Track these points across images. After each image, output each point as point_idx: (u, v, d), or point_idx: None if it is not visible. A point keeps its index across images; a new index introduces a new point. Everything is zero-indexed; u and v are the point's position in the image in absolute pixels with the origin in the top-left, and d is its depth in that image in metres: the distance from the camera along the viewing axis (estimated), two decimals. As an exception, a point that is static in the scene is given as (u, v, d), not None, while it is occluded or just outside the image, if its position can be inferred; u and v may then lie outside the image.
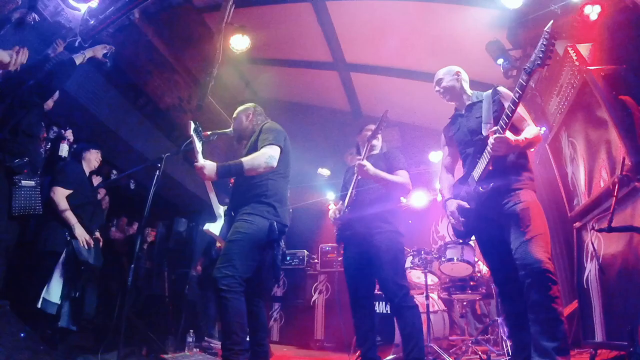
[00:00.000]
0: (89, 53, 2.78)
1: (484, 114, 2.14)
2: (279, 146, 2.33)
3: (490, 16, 3.79)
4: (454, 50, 4.15)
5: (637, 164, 2.36)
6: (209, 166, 2.19)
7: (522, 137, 1.98)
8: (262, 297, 2.40)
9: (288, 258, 5.56)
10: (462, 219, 2.17)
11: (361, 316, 2.59)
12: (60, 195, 2.97)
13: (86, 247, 3.01)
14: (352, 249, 2.64)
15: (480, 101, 2.22)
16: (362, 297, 2.59)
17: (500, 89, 2.20)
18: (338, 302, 5.02)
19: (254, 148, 2.36)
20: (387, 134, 6.45)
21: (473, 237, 2.33)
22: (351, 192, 2.67)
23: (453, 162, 2.45)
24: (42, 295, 2.76)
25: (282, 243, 2.42)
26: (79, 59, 2.70)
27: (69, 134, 2.91)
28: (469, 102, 2.30)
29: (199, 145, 2.30)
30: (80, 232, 2.99)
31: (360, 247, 2.58)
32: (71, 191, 3.01)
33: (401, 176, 2.64)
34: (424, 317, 3.28)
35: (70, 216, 2.97)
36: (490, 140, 1.90)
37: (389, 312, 3.50)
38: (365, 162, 2.58)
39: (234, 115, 2.65)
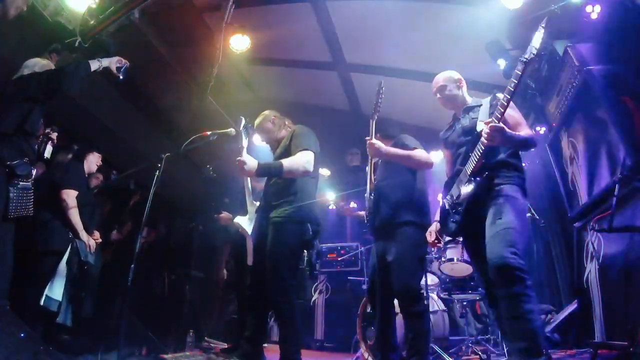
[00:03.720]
0: (105, 62, 2.73)
1: (480, 114, 2.12)
2: (313, 152, 2.41)
3: (490, 16, 3.78)
4: (454, 50, 4.14)
5: (637, 163, 2.36)
6: (250, 162, 2.24)
7: (517, 133, 1.96)
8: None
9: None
10: (437, 240, 2.25)
11: (380, 317, 2.45)
12: (72, 197, 3.01)
13: (92, 251, 3.08)
14: (376, 243, 2.55)
15: (479, 105, 2.20)
16: (379, 297, 2.46)
17: (499, 94, 2.16)
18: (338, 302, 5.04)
19: (287, 152, 2.42)
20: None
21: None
22: (371, 178, 2.58)
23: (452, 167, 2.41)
24: (44, 293, 2.79)
25: (317, 242, 2.45)
26: (94, 64, 2.66)
27: (53, 136, 2.93)
28: (467, 105, 2.27)
29: (245, 142, 2.41)
30: (86, 238, 3.06)
31: (382, 241, 2.49)
32: (78, 192, 3.06)
33: (421, 151, 2.52)
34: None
35: (78, 220, 3.01)
36: (485, 129, 1.86)
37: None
38: (374, 140, 2.46)
39: (258, 125, 2.64)
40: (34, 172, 2.46)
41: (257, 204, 2.66)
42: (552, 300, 4.18)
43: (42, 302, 2.75)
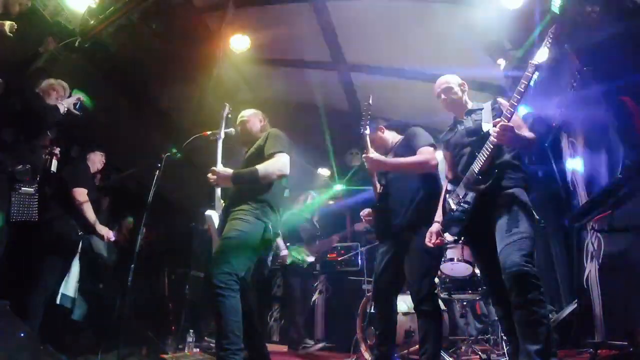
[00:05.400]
0: (65, 103, 2.86)
1: (484, 116, 2.16)
2: (288, 154, 2.37)
3: (490, 16, 3.78)
4: (454, 50, 4.14)
5: (637, 163, 2.36)
6: (223, 172, 2.26)
7: (522, 133, 2.02)
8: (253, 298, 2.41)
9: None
10: (441, 239, 2.20)
11: (382, 314, 2.49)
12: (84, 194, 3.10)
13: (105, 240, 3.19)
14: (385, 245, 2.56)
15: (481, 109, 2.24)
16: (383, 294, 2.50)
17: (500, 99, 2.24)
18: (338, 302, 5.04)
19: (260, 152, 2.39)
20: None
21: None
22: (375, 186, 2.60)
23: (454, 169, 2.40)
24: (60, 291, 2.87)
25: (274, 245, 2.42)
26: (61, 107, 2.79)
27: (57, 151, 3.05)
28: (469, 108, 2.32)
29: (219, 154, 2.42)
30: (100, 228, 3.15)
31: (390, 243, 2.50)
32: (87, 190, 3.13)
33: (421, 154, 2.45)
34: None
35: (92, 215, 3.10)
36: (495, 128, 1.91)
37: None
38: (370, 154, 2.47)
39: (245, 118, 2.61)
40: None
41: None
42: (552, 300, 4.17)
43: (58, 301, 2.84)
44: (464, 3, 3.92)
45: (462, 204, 2.10)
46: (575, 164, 3.32)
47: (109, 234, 3.19)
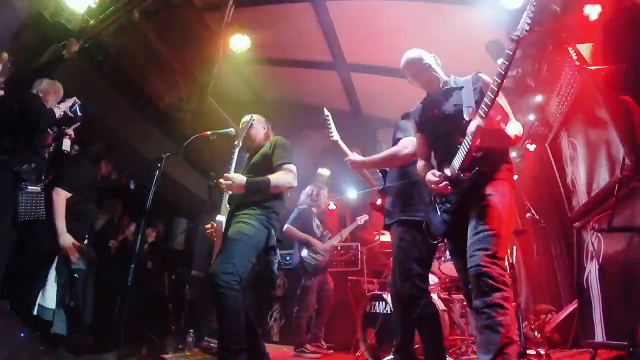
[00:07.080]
0: (62, 107, 2.80)
1: (464, 99, 1.91)
2: (295, 165, 2.42)
3: (490, 16, 3.79)
4: (454, 50, 4.13)
5: (637, 163, 2.36)
6: (237, 179, 2.26)
7: (505, 126, 1.83)
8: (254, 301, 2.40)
9: (288, 258, 5.57)
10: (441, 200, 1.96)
11: (398, 317, 2.42)
12: (62, 197, 2.83)
13: (73, 259, 2.82)
14: None
15: (460, 88, 2.00)
16: (396, 297, 2.39)
17: (482, 75, 1.96)
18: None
19: (266, 160, 2.42)
20: (385, 134, 6.47)
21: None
22: (370, 184, 2.72)
23: (428, 149, 2.17)
24: (37, 302, 2.63)
25: (277, 251, 2.44)
26: (57, 111, 2.74)
27: (70, 131, 2.97)
28: (447, 87, 2.08)
29: (234, 160, 2.42)
30: (65, 242, 2.77)
31: None
32: (71, 194, 2.89)
33: (397, 145, 2.45)
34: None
35: (61, 224, 2.78)
36: (470, 127, 1.71)
37: (388, 312, 3.51)
38: (351, 157, 2.54)
39: (247, 122, 2.56)
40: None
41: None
42: (552, 300, 4.18)
43: (35, 312, 2.61)
44: (464, 3, 3.92)
45: (445, 203, 1.93)
46: (575, 164, 3.32)
47: (73, 252, 2.79)
